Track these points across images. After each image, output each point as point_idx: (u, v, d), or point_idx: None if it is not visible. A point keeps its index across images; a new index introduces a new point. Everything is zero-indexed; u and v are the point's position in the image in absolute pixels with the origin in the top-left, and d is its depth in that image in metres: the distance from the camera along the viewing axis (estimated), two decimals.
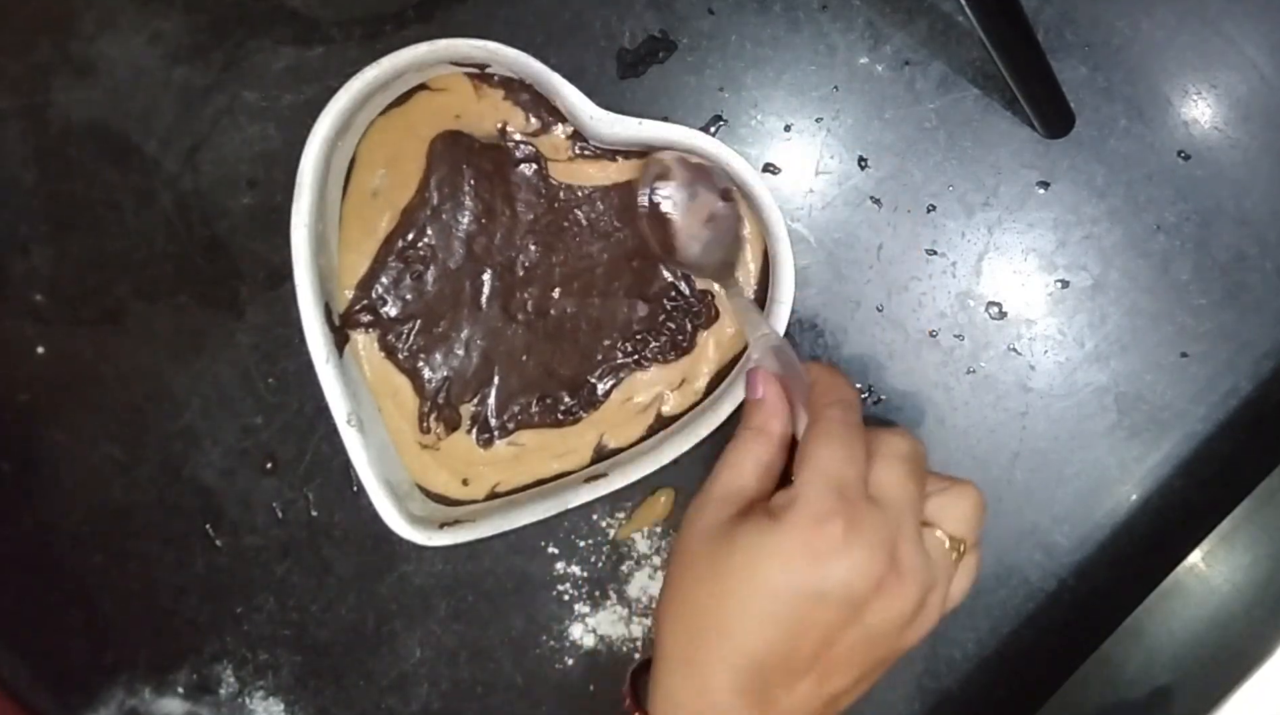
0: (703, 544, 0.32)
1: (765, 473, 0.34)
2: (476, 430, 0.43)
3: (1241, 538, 0.40)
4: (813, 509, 0.30)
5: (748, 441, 0.34)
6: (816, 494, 0.30)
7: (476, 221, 0.43)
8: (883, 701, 0.44)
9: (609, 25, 0.44)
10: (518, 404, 0.43)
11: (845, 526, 0.30)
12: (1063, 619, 0.43)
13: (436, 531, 0.41)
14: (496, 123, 0.43)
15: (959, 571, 0.33)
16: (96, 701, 0.45)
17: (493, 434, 0.43)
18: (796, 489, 0.31)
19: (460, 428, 0.43)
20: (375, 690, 0.45)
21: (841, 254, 0.44)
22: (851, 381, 0.34)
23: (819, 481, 0.30)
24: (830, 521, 0.30)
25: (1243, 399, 0.43)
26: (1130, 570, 0.43)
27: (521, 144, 0.43)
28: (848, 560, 0.29)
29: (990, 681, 0.44)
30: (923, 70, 0.43)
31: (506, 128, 0.43)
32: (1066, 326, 0.43)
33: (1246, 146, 0.43)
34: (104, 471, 0.45)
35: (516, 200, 0.43)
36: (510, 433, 0.43)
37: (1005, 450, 0.43)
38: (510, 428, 0.43)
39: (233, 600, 0.45)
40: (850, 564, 0.29)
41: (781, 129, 0.44)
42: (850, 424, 0.32)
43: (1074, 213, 0.43)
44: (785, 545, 0.30)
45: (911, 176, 0.43)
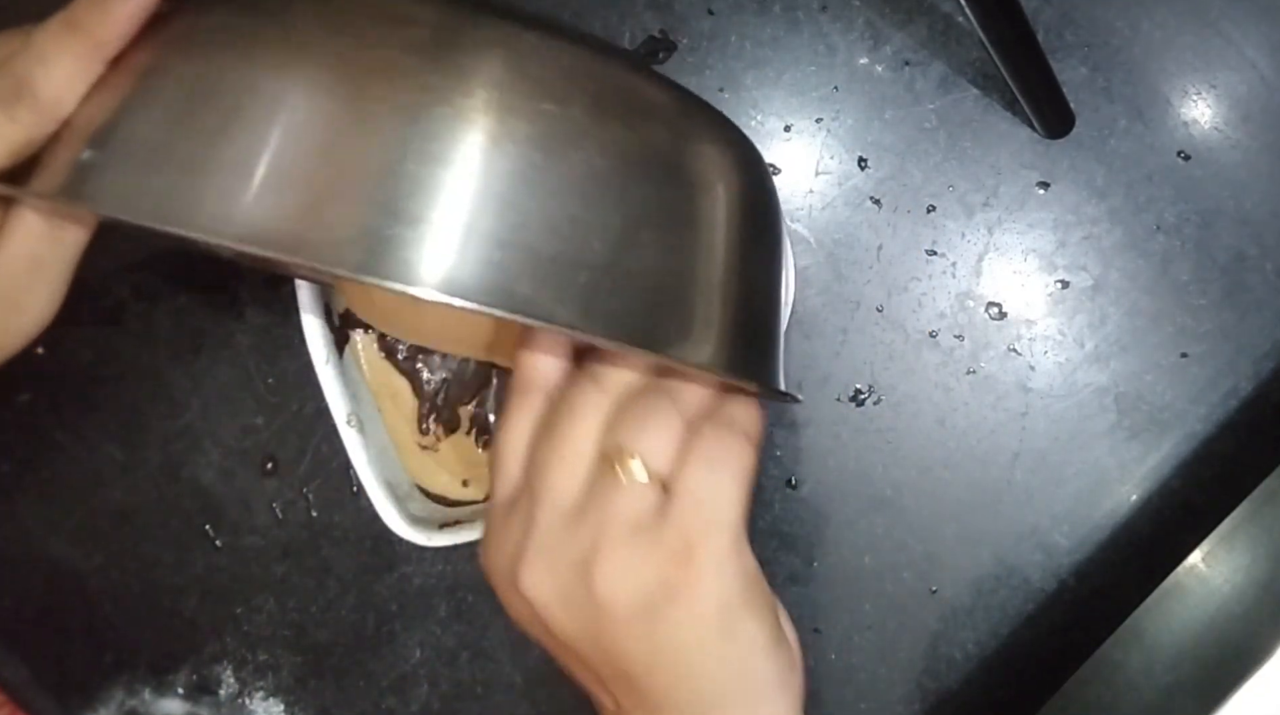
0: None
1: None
2: (476, 432, 0.43)
3: (1241, 538, 0.40)
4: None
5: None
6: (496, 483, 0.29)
7: None
8: (883, 701, 0.44)
9: (609, 25, 0.44)
10: None
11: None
12: (1063, 619, 0.43)
13: (436, 532, 0.41)
14: None
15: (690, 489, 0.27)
16: (96, 702, 0.45)
17: (492, 435, 0.43)
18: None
19: (460, 429, 0.43)
20: (375, 690, 0.45)
21: (841, 254, 0.44)
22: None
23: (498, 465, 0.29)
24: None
25: (1243, 399, 0.43)
26: (1130, 570, 0.43)
27: None
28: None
29: (990, 681, 0.44)
30: (923, 70, 0.43)
31: None
32: (1066, 327, 0.43)
33: (1246, 146, 0.43)
34: (104, 471, 0.45)
35: None
36: None
37: (1005, 450, 0.43)
38: None
39: (233, 600, 0.45)
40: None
41: (781, 129, 0.44)
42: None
43: (1074, 213, 0.43)
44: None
45: (911, 177, 0.43)
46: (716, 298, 0.27)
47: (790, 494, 0.44)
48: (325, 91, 0.24)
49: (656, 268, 0.26)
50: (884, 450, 0.43)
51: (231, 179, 0.23)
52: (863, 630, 0.44)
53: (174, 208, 0.24)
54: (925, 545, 0.43)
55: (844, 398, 0.44)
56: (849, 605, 0.44)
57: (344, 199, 0.23)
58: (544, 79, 0.25)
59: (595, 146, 0.25)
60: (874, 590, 0.43)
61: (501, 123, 0.24)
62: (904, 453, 0.43)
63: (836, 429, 0.44)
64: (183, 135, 0.24)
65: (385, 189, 0.23)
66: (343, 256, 0.23)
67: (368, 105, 0.24)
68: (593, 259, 0.25)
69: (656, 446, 0.27)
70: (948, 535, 0.43)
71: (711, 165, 0.28)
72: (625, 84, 0.27)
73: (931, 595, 0.43)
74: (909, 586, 0.43)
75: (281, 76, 0.24)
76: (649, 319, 0.26)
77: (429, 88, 0.24)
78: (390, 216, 0.23)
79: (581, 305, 0.24)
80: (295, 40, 0.25)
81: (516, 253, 0.24)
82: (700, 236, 0.27)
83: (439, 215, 0.23)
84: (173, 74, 0.25)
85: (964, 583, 0.43)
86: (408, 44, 0.24)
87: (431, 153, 0.24)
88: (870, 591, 0.43)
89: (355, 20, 0.25)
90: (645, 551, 0.26)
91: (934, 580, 0.43)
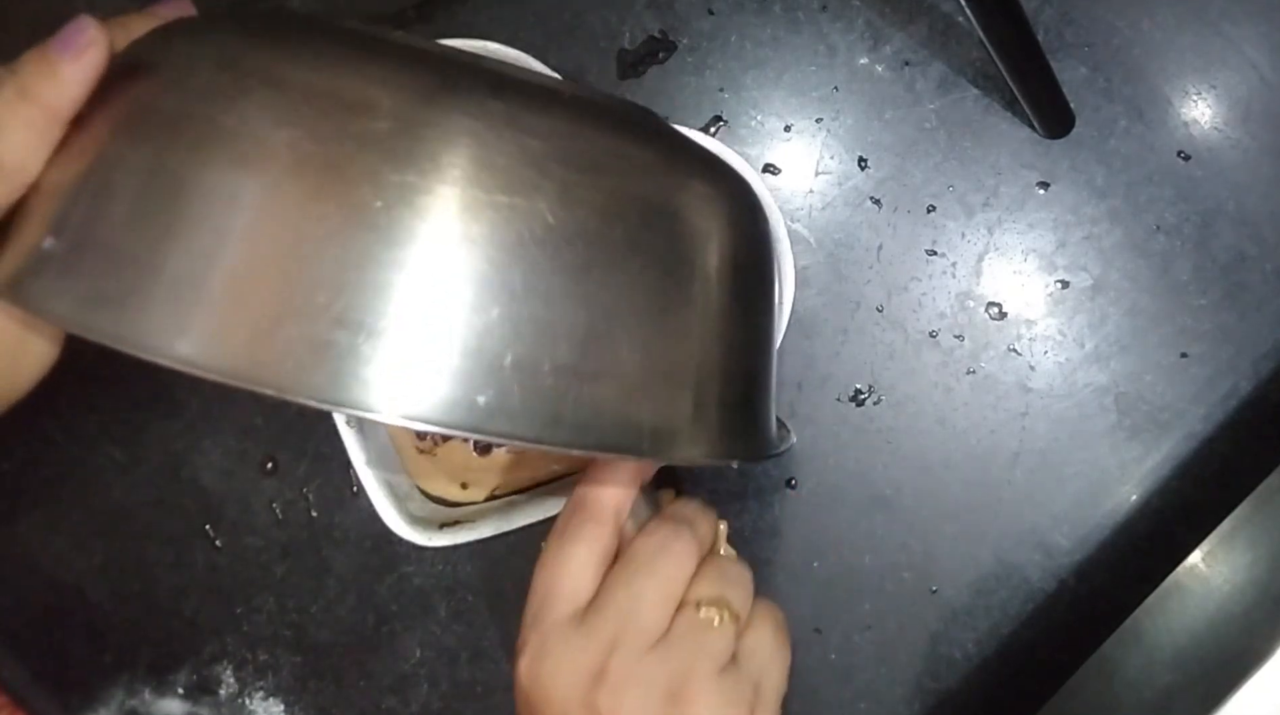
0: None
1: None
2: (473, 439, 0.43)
3: (1241, 538, 0.40)
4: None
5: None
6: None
7: None
8: (883, 701, 0.44)
9: (609, 25, 0.44)
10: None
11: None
12: (1063, 619, 0.43)
13: (436, 532, 0.41)
14: None
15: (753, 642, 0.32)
16: (96, 702, 0.45)
17: (490, 442, 0.43)
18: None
19: None
20: (375, 690, 0.45)
21: (841, 254, 0.44)
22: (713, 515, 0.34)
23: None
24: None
25: (1243, 399, 0.43)
26: (1130, 570, 0.43)
27: None
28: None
29: (990, 681, 0.44)
30: (923, 70, 0.43)
31: None
32: (1066, 327, 0.43)
33: (1246, 146, 0.43)
34: (104, 471, 0.45)
35: None
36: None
37: (1005, 450, 0.43)
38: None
39: (232, 601, 0.45)
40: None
41: (781, 129, 0.44)
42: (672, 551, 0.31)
43: (1074, 213, 0.43)
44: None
45: (911, 177, 0.43)
46: (715, 380, 0.27)
47: (790, 494, 0.44)
48: (277, 192, 0.23)
49: (638, 362, 0.25)
50: (884, 450, 0.43)
51: (180, 292, 0.23)
52: (863, 630, 0.44)
53: (118, 323, 0.23)
54: (925, 545, 0.43)
55: (844, 398, 0.44)
56: (849, 605, 0.44)
57: (296, 315, 0.22)
58: (510, 169, 0.23)
59: (563, 240, 0.23)
60: (874, 590, 0.43)
61: (464, 222, 0.23)
62: (904, 453, 0.43)
63: (836, 429, 0.44)
64: (132, 237, 0.23)
65: (341, 302, 0.22)
66: (297, 383, 0.22)
67: (322, 208, 0.23)
68: (561, 361, 0.23)
69: (741, 600, 0.31)
70: (948, 535, 0.43)
71: (709, 241, 0.27)
72: (602, 156, 0.25)
73: (931, 595, 0.43)
74: (909, 586, 0.43)
75: (233, 174, 0.23)
76: (627, 421, 0.24)
77: (387, 186, 0.23)
78: (345, 331, 0.22)
79: (552, 414, 0.23)
80: (248, 133, 0.23)
81: (479, 362, 0.23)
82: (694, 319, 0.26)
83: (398, 328, 0.22)
84: (125, 164, 0.24)
85: (964, 583, 0.43)
86: (366, 137, 0.23)
87: (389, 260, 0.22)
88: (870, 591, 0.43)
89: (312, 109, 0.23)
90: (729, 692, 0.30)
91: (934, 580, 0.43)
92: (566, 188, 0.24)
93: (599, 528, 0.31)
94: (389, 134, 0.23)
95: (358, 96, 0.23)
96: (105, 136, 0.25)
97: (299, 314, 0.22)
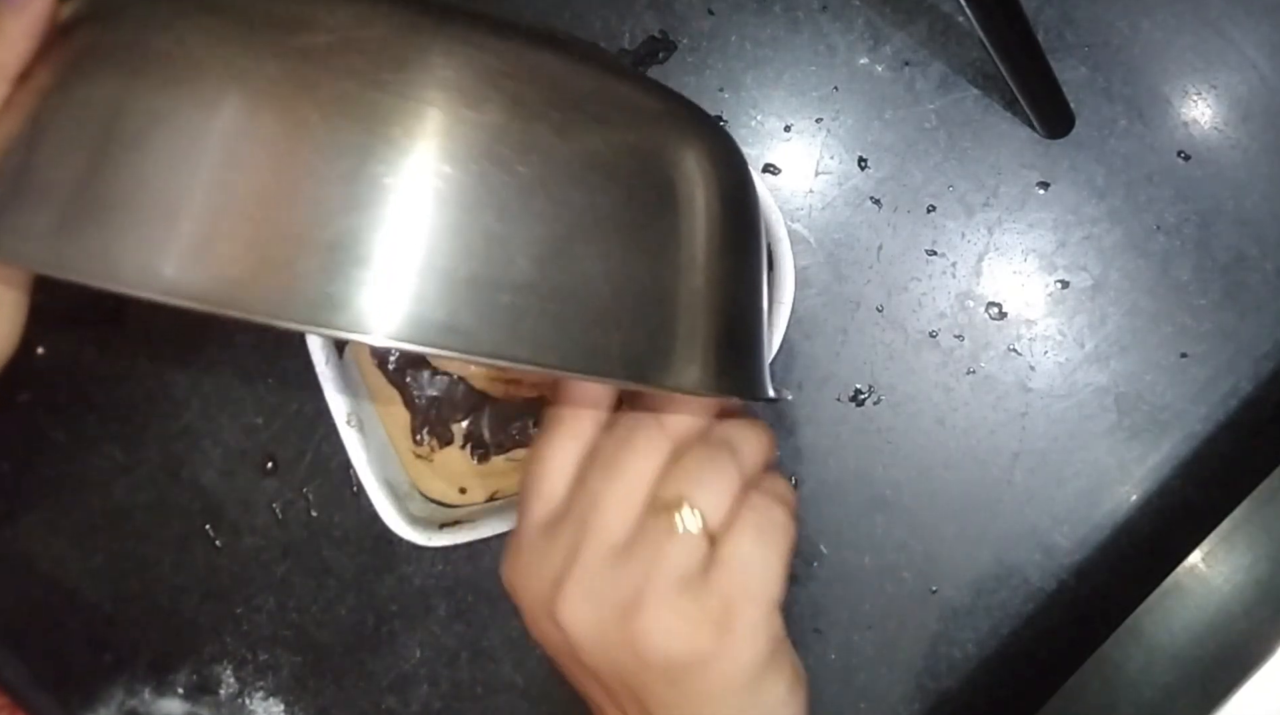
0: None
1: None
2: (471, 446, 0.43)
3: (1241, 538, 0.40)
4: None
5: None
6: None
7: None
8: (883, 701, 0.44)
9: (609, 25, 0.44)
10: (514, 427, 0.43)
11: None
12: (1063, 619, 0.43)
13: (436, 532, 0.41)
14: None
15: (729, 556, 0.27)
16: (96, 702, 0.45)
17: (488, 450, 0.43)
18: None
19: (454, 443, 0.43)
20: (375, 690, 0.45)
21: (841, 254, 0.44)
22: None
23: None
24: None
25: (1243, 399, 0.43)
26: (1130, 570, 0.43)
27: None
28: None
29: (990, 681, 0.44)
30: (923, 70, 0.43)
31: None
32: (1066, 327, 0.43)
33: (1246, 146, 0.43)
34: (104, 471, 0.45)
35: None
36: (507, 451, 0.43)
37: (1005, 450, 0.43)
38: (507, 446, 0.43)
39: (233, 600, 0.45)
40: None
41: (781, 129, 0.44)
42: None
43: (1074, 213, 0.43)
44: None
45: (911, 177, 0.43)
46: (699, 311, 0.26)
47: None
48: (216, 112, 0.22)
49: (604, 282, 0.24)
50: (884, 450, 0.43)
51: (153, 224, 0.22)
52: (863, 630, 0.44)
53: (92, 258, 0.22)
54: (925, 545, 0.43)
55: (844, 398, 0.44)
56: (849, 605, 0.44)
57: (229, 237, 0.22)
58: (458, 81, 0.23)
59: (514, 152, 0.23)
60: (874, 590, 0.43)
61: (407, 133, 0.22)
62: (904, 453, 0.43)
63: (836, 429, 0.44)
64: (97, 174, 0.23)
65: (323, 228, 0.22)
66: (279, 307, 0.21)
67: (259, 124, 0.22)
68: (518, 278, 0.22)
69: (713, 502, 0.27)
70: (948, 535, 0.43)
71: (682, 169, 0.26)
72: (562, 77, 0.25)
73: (931, 595, 0.43)
74: (909, 586, 0.43)
75: (173, 97, 0.23)
76: (594, 342, 0.24)
77: (325, 101, 0.22)
78: (332, 257, 0.22)
79: (510, 331, 0.22)
80: (183, 55, 0.23)
81: (430, 278, 0.22)
82: (673, 246, 0.25)
83: (345, 243, 0.22)
84: (83, 102, 0.24)
85: (964, 583, 0.43)
86: (306, 51, 0.23)
87: (329, 175, 0.22)
88: (870, 591, 0.43)
89: (249, 28, 0.23)
90: (687, 609, 0.26)
91: (934, 580, 0.43)
92: (519, 101, 0.23)
93: (577, 423, 0.28)
94: (328, 48, 0.23)
95: (297, 13, 0.23)
96: (49, 79, 0.25)
97: (231, 236, 0.22)
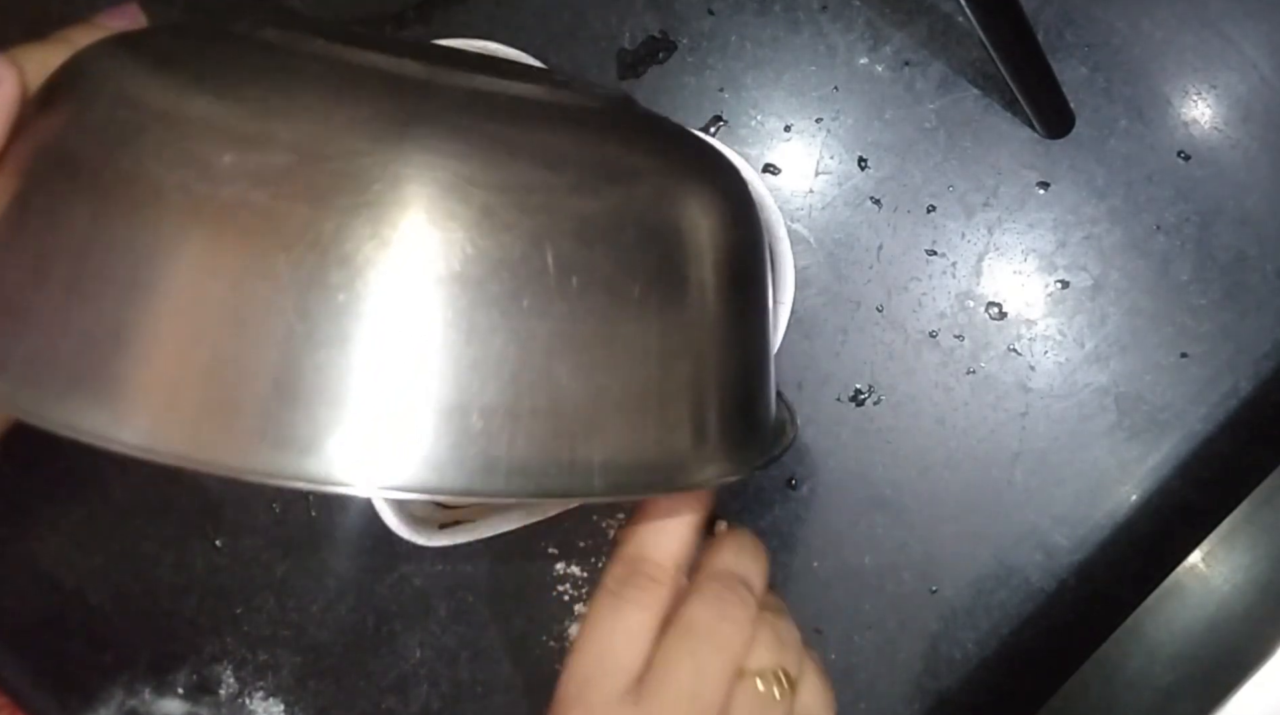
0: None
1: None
2: None
3: (1241, 538, 0.40)
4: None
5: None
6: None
7: None
8: (883, 701, 0.44)
9: (609, 25, 0.44)
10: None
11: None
12: (1063, 619, 0.43)
13: (436, 532, 0.41)
14: None
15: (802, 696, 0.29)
16: (96, 702, 0.45)
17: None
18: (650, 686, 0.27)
19: None
20: (375, 690, 0.45)
21: (841, 254, 0.44)
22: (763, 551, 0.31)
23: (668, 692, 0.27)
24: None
25: (1243, 399, 0.43)
26: (1130, 570, 0.43)
27: None
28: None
29: (990, 681, 0.44)
30: (923, 70, 0.43)
31: None
32: (1066, 327, 0.43)
33: (1246, 146, 0.43)
34: (104, 471, 0.45)
35: None
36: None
37: (1005, 450, 0.43)
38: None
39: (232, 600, 0.45)
40: None
41: (781, 129, 0.44)
42: (729, 618, 0.28)
43: (1074, 213, 0.43)
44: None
45: (911, 177, 0.43)
46: (706, 391, 0.24)
47: (790, 494, 0.44)
48: (175, 243, 0.21)
49: (583, 392, 0.22)
50: (884, 450, 0.43)
51: (97, 368, 0.21)
52: (863, 630, 0.44)
53: (33, 399, 0.21)
54: (925, 545, 0.43)
55: (844, 398, 0.44)
56: (849, 605, 0.44)
57: (230, 384, 0.21)
58: (422, 200, 0.21)
59: (485, 271, 0.21)
60: (874, 590, 0.43)
61: (370, 262, 0.21)
62: (904, 453, 0.43)
63: (836, 429, 0.44)
64: (37, 298, 0.21)
65: (285, 367, 0.20)
66: (233, 458, 0.20)
67: (216, 256, 0.21)
68: (490, 401, 0.21)
69: (791, 660, 0.29)
70: (948, 535, 0.43)
71: (678, 242, 0.24)
72: (530, 170, 0.23)
73: (931, 595, 0.43)
74: (909, 586, 0.43)
75: (131, 224, 0.21)
76: (574, 459, 0.22)
77: (284, 232, 0.21)
78: (292, 401, 0.20)
79: (483, 461, 0.21)
80: (142, 177, 0.21)
81: (397, 414, 0.21)
82: (672, 334, 0.24)
83: (300, 386, 0.20)
84: (28, 216, 0.22)
85: (964, 583, 0.43)
86: (261, 175, 0.21)
87: (286, 308, 0.20)
88: (870, 591, 0.43)
89: (207, 146, 0.21)
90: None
91: (934, 580, 0.43)
92: (488, 212, 0.21)
93: (658, 589, 0.28)
94: (287, 170, 0.21)
95: (255, 129, 0.21)
96: (10, 186, 0.23)
97: (180, 382, 0.21)
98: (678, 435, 0.24)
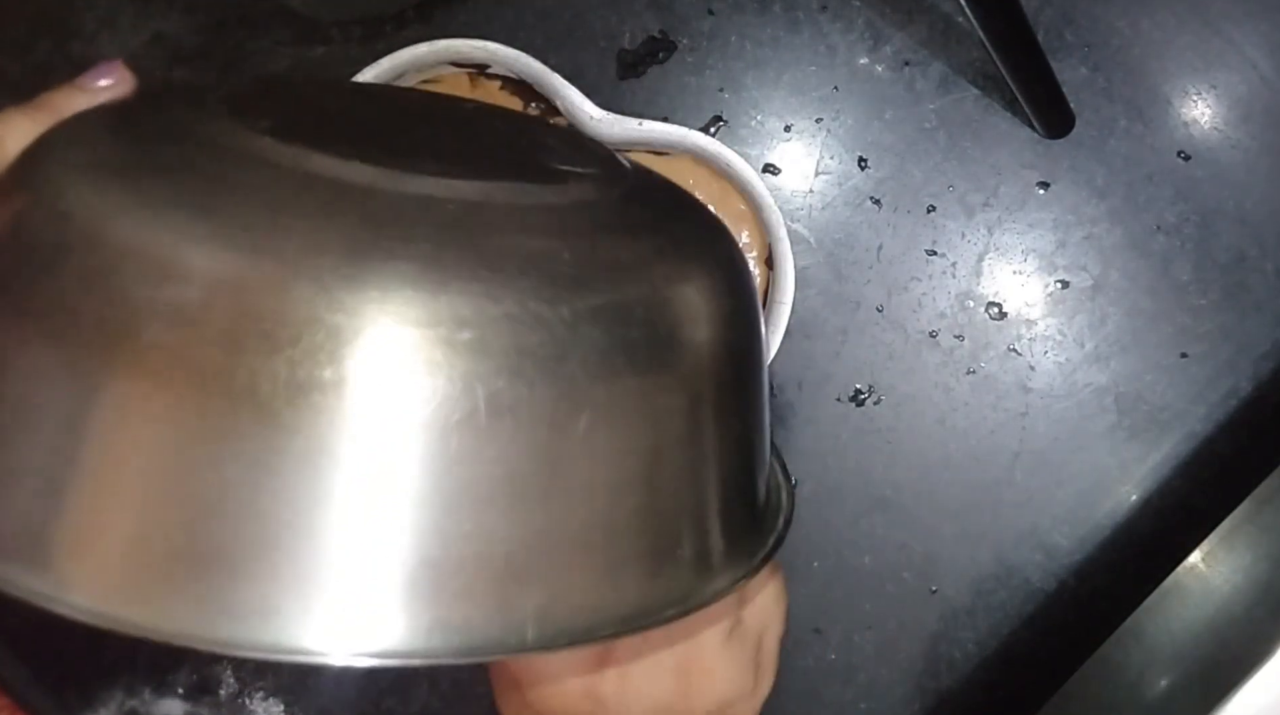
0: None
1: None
2: None
3: (1241, 538, 0.40)
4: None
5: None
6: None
7: None
8: (883, 701, 0.44)
9: (609, 25, 0.44)
10: None
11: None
12: (1063, 619, 0.43)
13: None
14: None
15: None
16: (96, 701, 0.45)
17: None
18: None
19: None
20: (375, 690, 0.45)
21: (841, 254, 0.44)
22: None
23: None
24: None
25: (1243, 399, 0.43)
26: (1130, 570, 0.43)
27: None
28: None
29: (990, 681, 0.44)
30: (923, 70, 0.43)
31: None
32: (1066, 327, 0.43)
33: (1246, 147, 0.43)
34: None
35: None
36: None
37: (1005, 450, 0.43)
38: None
39: None
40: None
41: (781, 129, 0.44)
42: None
43: (1074, 213, 0.43)
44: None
45: (911, 177, 0.43)
46: (682, 517, 0.23)
47: None
48: (90, 385, 0.19)
49: (516, 537, 0.20)
50: (884, 450, 0.43)
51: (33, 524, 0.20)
52: (863, 630, 0.44)
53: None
54: (925, 545, 0.43)
55: (844, 398, 0.44)
56: (849, 605, 0.44)
57: (153, 546, 0.19)
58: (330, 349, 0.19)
59: (471, 430, 0.20)
60: (874, 590, 0.43)
61: (272, 416, 0.19)
62: (904, 453, 0.43)
63: (836, 429, 0.44)
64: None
65: (219, 534, 0.19)
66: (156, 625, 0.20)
67: (120, 402, 0.19)
68: (410, 558, 0.20)
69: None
70: (948, 535, 0.43)
71: (670, 353, 0.22)
72: (525, 271, 0.21)
73: (931, 595, 0.43)
74: (909, 586, 0.43)
75: (49, 361, 0.20)
76: (508, 609, 0.21)
77: (186, 381, 0.19)
78: (223, 571, 0.19)
79: (409, 624, 0.20)
80: (62, 307, 0.20)
81: (308, 579, 0.19)
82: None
83: (201, 547, 0.19)
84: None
85: (964, 583, 0.43)
86: (172, 312, 0.19)
87: (182, 464, 0.19)
88: (870, 591, 0.43)
89: (123, 274, 0.20)
90: (737, 653, 0.29)
91: (934, 580, 0.43)
92: (416, 350, 0.20)
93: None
94: (202, 308, 0.19)
95: (168, 256, 0.20)
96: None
97: (111, 544, 0.20)
98: (631, 571, 0.22)
